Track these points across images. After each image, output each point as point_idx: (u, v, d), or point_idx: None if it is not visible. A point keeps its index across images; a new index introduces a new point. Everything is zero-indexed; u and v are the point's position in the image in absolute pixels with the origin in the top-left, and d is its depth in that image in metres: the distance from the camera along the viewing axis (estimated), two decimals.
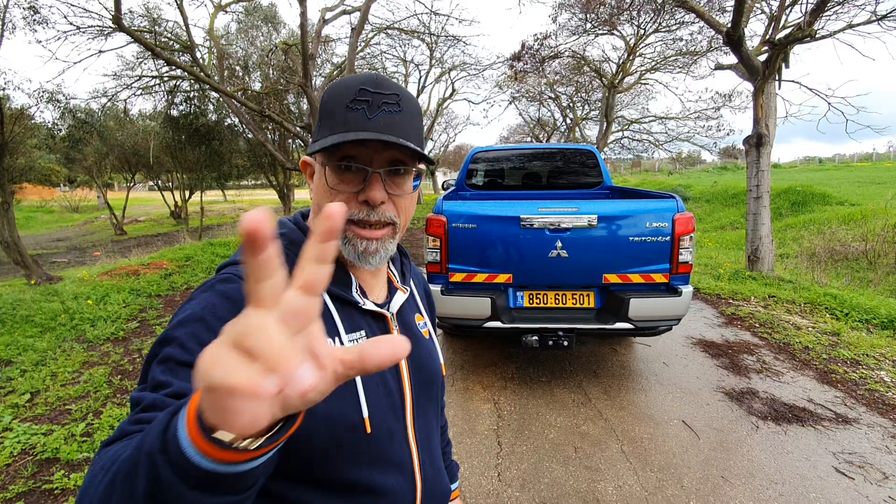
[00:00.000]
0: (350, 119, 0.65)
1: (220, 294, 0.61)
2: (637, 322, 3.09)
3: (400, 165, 0.68)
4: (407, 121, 0.68)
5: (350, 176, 0.67)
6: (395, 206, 0.70)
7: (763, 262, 6.77)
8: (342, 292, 0.71)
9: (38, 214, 25.51)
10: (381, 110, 0.66)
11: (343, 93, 0.67)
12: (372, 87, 0.66)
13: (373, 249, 0.69)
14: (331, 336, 0.67)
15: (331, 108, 0.68)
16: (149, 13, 9.80)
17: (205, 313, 0.59)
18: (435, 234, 3.20)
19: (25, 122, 8.44)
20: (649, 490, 2.35)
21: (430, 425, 0.83)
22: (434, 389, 0.84)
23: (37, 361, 3.89)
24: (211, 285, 0.64)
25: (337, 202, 0.61)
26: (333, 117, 0.67)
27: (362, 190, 0.67)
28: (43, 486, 2.42)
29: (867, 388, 3.41)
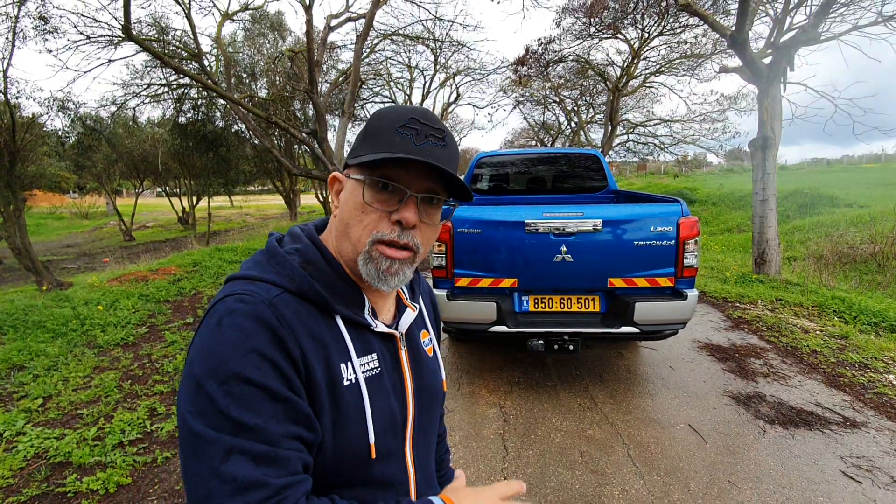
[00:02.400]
0: (397, 141, 0.66)
1: (254, 320, 0.60)
2: (642, 326, 3.10)
3: (435, 195, 0.69)
4: (448, 156, 0.69)
5: (387, 195, 0.67)
6: (421, 234, 0.70)
7: (770, 265, 6.74)
8: (356, 316, 0.71)
9: (48, 221, 25.83)
10: (428, 140, 0.67)
11: (392, 118, 0.68)
12: (422, 119, 0.68)
13: (394, 270, 0.68)
14: (343, 361, 0.68)
15: (377, 129, 0.69)
16: (157, 22, 9.94)
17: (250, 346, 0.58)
18: (440, 239, 3.23)
19: (36, 130, 8.58)
20: (656, 494, 2.35)
21: (428, 443, 0.84)
22: (435, 408, 0.85)
23: (49, 366, 3.95)
24: (239, 310, 0.61)
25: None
26: (379, 137, 0.67)
27: (396, 210, 0.67)
28: (56, 490, 2.45)
29: (876, 391, 3.39)
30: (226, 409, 0.55)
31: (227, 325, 0.59)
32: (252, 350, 0.58)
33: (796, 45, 6.37)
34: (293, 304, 0.66)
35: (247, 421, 0.55)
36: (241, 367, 0.57)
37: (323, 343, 0.66)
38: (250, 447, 0.54)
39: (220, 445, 0.54)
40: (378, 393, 0.71)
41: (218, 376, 0.56)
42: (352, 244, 0.69)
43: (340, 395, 0.66)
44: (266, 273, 0.68)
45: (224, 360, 0.57)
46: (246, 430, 0.55)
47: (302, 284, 0.68)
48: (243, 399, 0.56)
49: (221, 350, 0.57)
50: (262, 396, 0.57)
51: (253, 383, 0.56)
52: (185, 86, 11.48)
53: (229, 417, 0.55)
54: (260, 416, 0.56)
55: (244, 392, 0.56)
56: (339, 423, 0.66)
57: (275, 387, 0.58)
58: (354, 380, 0.68)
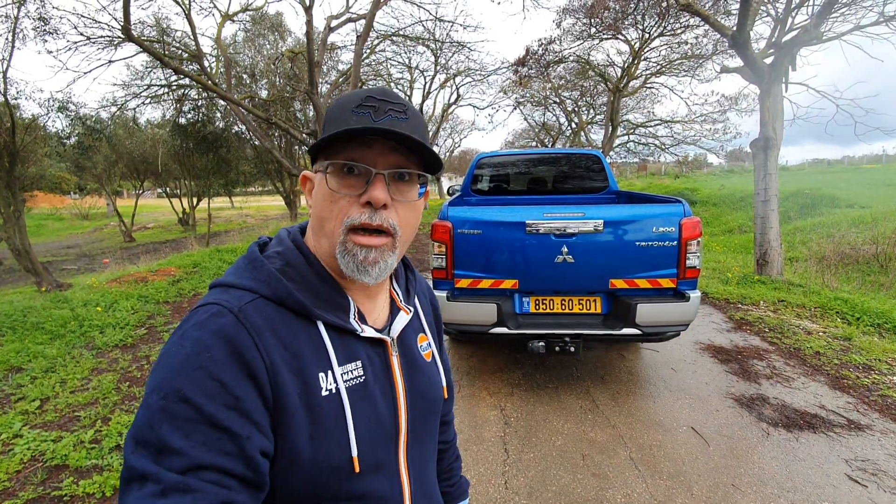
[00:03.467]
0: (354, 122, 0.63)
1: (213, 334, 0.57)
2: (644, 327, 3.07)
3: (405, 170, 0.66)
4: (413, 128, 0.66)
5: (353, 179, 0.65)
6: (397, 213, 0.67)
7: (772, 266, 6.71)
8: (339, 321, 0.67)
9: (48, 222, 25.84)
10: (388, 115, 0.64)
11: (349, 100, 0.66)
12: (378, 95, 0.65)
13: (372, 259, 0.65)
14: (322, 370, 0.64)
15: (335, 115, 0.66)
16: (158, 23, 9.94)
17: (200, 363, 0.55)
18: (440, 240, 3.20)
19: (37, 131, 8.57)
20: (658, 499, 2.32)
21: (425, 454, 0.79)
22: (432, 417, 0.80)
23: (46, 368, 3.92)
24: (203, 321, 0.59)
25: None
26: (337, 122, 0.65)
27: (365, 192, 0.64)
28: (52, 493, 2.43)
29: (880, 393, 3.36)
30: (157, 425, 0.52)
31: (187, 337, 0.57)
32: (200, 367, 0.55)
33: (798, 44, 6.35)
34: (266, 311, 0.63)
35: (172, 443, 0.51)
36: (182, 384, 0.53)
37: (296, 352, 0.62)
38: (163, 476, 0.50)
39: (135, 472, 0.51)
40: (362, 402, 0.67)
41: (161, 389, 0.54)
42: (327, 238, 0.67)
43: (317, 406, 0.62)
44: (242, 279, 0.66)
45: (171, 373, 0.54)
46: (168, 451, 0.51)
47: (278, 290, 0.64)
48: (176, 418, 0.52)
49: (173, 363, 0.55)
50: (197, 419, 0.53)
51: (191, 403, 0.53)
52: (185, 87, 11.48)
53: (157, 435, 0.52)
54: (188, 440, 0.52)
55: (178, 411, 0.52)
56: (317, 436, 0.61)
57: (213, 411, 0.54)
58: (335, 389, 0.64)
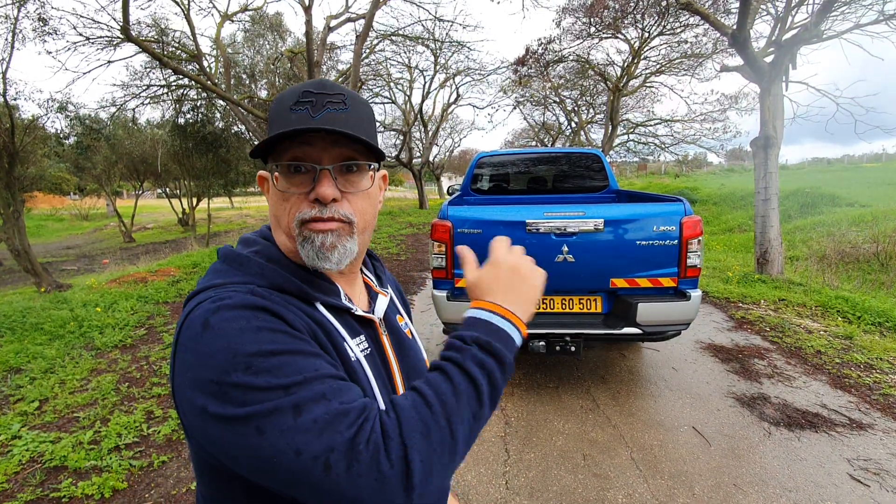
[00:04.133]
0: (293, 119, 0.63)
1: (247, 306, 0.56)
2: (645, 327, 3.06)
3: (352, 161, 0.66)
4: (355, 119, 0.66)
5: (300, 178, 0.65)
6: (350, 204, 0.67)
7: (772, 265, 6.70)
8: (334, 300, 0.69)
9: (48, 222, 25.82)
10: (326, 109, 0.64)
11: (287, 98, 0.65)
12: (316, 89, 0.65)
13: (329, 244, 0.65)
14: (340, 343, 0.66)
15: (275, 115, 0.66)
16: (156, 23, 9.93)
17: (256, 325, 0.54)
18: (440, 240, 3.19)
19: (36, 131, 8.56)
20: (660, 499, 2.31)
21: None
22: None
23: (46, 369, 3.91)
24: (224, 305, 0.56)
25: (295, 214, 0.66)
26: (277, 122, 0.65)
27: (312, 189, 0.64)
28: (51, 495, 2.42)
29: (882, 392, 3.34)
30: (266, 384, 0.50)
31: (218, 321, 0.54)
32: (260, 329, 0.54)
33: (798, 43, 6.33)
34: (273, 296, 0.62)
35: (294, 379, 0.51)
36: (258, 345, 0.52)
37: (321, 324, 0.64)
38: (314, 390, 0.51)
39: (282, 409, 0.49)
40: (375, 372, 0.70)
41: (237, 366, 0.50)
42: (284, 234, 0.68)
43: (351, 371, 0.64)
44: (231, 277, 0.64)
45: (234, 349, 0.51)
46: (297, 385, 0.51)
47: (275, 278, 0.65)
48: (278, 368, 0.51)
49: (225, 344, 0.52)
50: (296, 357, 0.53)
51: (280, 352, 0.52)
52: (184, 87, 11.47)
53: (274, 387, 0.50)
54: (302, 372, 0.52)
55: (275, 363, 0.51)
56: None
57: (303, 346, 0.55)
58: (357, 358, 0.67)
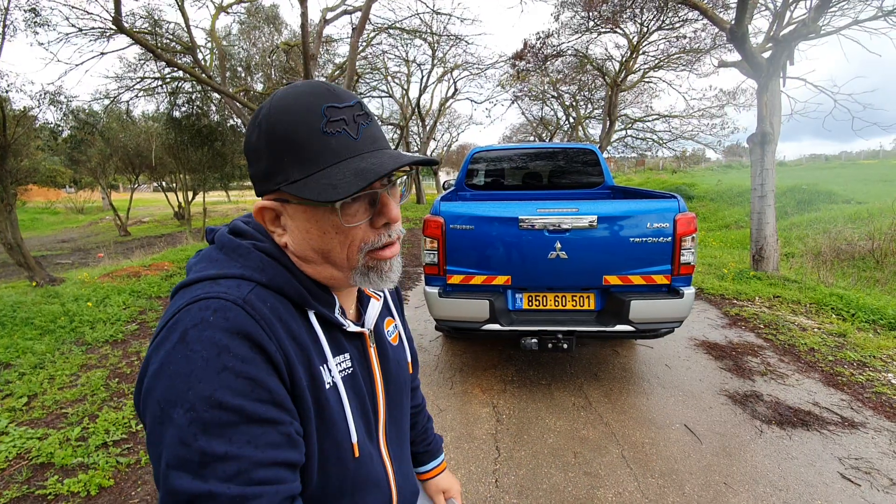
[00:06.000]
0: (333, 146, 0.57)
1: (227, 330, 0.53)
2: (638, 324, 3.04)
3: (395, 176, 0.64)
4: (378, 125, 0.63)
5: (356, 206, 0.60)
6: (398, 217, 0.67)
7: (768, 262, 6.69)
8: (330, 315, 0.67)
9: (43, 216, 25.66)
10: (360, 125, 0.59)
11: (305, 116, 0.57)
12: (338, 103, 0.58)
13: (396, 266, 0.67)
14: (321, 362, 0.63)
15: (297, 138, 0.57)
16: (150, 15, 9.80)
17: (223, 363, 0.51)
18: (432, 236, 3.16)
19: (28, 123, 8.47)
20: (650, 497, 2.30)
21: (401, 434, 0.82)
22: (403, 397, 0.83)
23: (35, 364, 3.88)
24: (207, 319, 0.53)
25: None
26: (307, 149, 0.57)
27: (379, 214, 0.62)
28: (36, 492, 2.40)
29: (874, 390, 3.34)
30: (192, 438, 0.48)
31: (194, 339, 0.51)
32: (225, 368, 0.50)
33: (796, 38, 6.29)
34: (269, 300, 0.59)
35: (216, 450, 0.48)
36: (211, 390, 0.49)
37: (302, 345, 0.60)
38: (214, 491, 0.48)
39: (180, 496, 0.48)
40: (352, 392, 0.68)
41: (184, 402, 0.49)
42: (337, 267, 0.63)
43: (325, 400, 0.61)
44: (230, 268, 0.60)
45: (191, 382, 0.49)
46: (215, 461, 0.48)
47: (275, 277, 0.61)
48: (213, 426, 0.49)
49: (189, 371, 0.50)
50: (237, 420, 0.50)
51: (226, 407, 0.50)
52: (179, 79, 11.36)
53: (195, 448, 0.48)
54: (232, 444, 0.49)
55: (214, 418, 0.49)
56: (323, 430, 0.61)
57: (252, 409, 0.51)
58: (332, 382, 0.64)
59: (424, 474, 1.04)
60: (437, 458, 1.06)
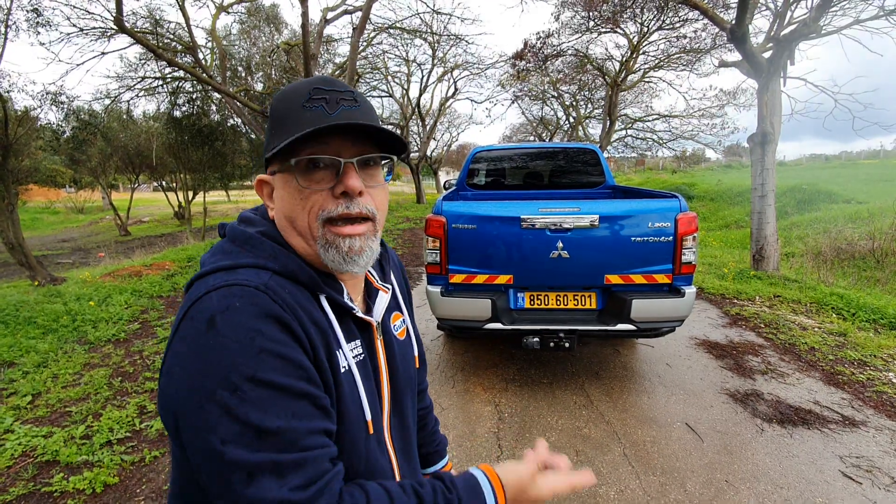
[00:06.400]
0: (308, 118, 0.61)
1: (257, 315, 0.55)
2: (639, 323, 3.06)
3: (374, 154, 0.66)
4: (366, 115, 0.65)
5: (320, 174, 0.63)
6: (372, 198, 0.67)
7: (768, 262, 6.71)
8: (342, 300, 0.68)
9: (43, 215, 25.68)
10: (341, 106, 0.63)
11: (295, 96, 0.63)
12: (326, 86, 0.63)
13: (357, 248, 0.65)
14: (338, 347, 0.65)
15: (283, 113, 0.64)
16: (151, 14, 9.81)
17: (260, 345, 0.54)
18: (434, 235, 3.17)
19: (30, 123, 8.48)
20: (652, 495, 2.32)
21: (406, 427, 0.83)
22: (409, 391, 0.83)
23: (39, 363, 3.89)
24: (233, 306, 0.55)
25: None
26: (288, 121, 0.63)
27: (339, 182, 0.63)
28: (42, 489, 2.41)
29: (875, 389, 3.36)
30: (245, 416, 0.51)
31: (225, 324, 0.54)
32: (262, 350, 0.54)
33: (797, 38, 6.30)
34: (286, 286, 0.61)
35: (268, 425, 0.52)
36: (253, 370, 0.52)
37: (322, 328, 0.63)
38: (274, 459, 0.51)
39: (242, 467, 0.51)
40: (364, 380, 0.70)
41: (229, 384, 0.52)
42: (302, 236, 0.65)
43: (339, 383, 0.64)
44: (244, 258, 0.62)
45: (232, 365, 0.52)
46: (269, 434, 0.52)
47: (288, 264, 0.63)
48: (261, 402, 0.52)
49: (226, 355, 0.52)
50: (282, 396, 0.54)
51: (269, 385, 0.53)
52: (179, 79, 11.37)
53: (249, 424, 0.51)
54: (281, 418, 0.53)
55: (261, 395, 0.52)
56: (339, 410, 0.64)
57: (293, 384, 0.55)
58: (348, 367, 0.66)
59: (431, 475, 1.04)
60: (444, 458, 1.08)
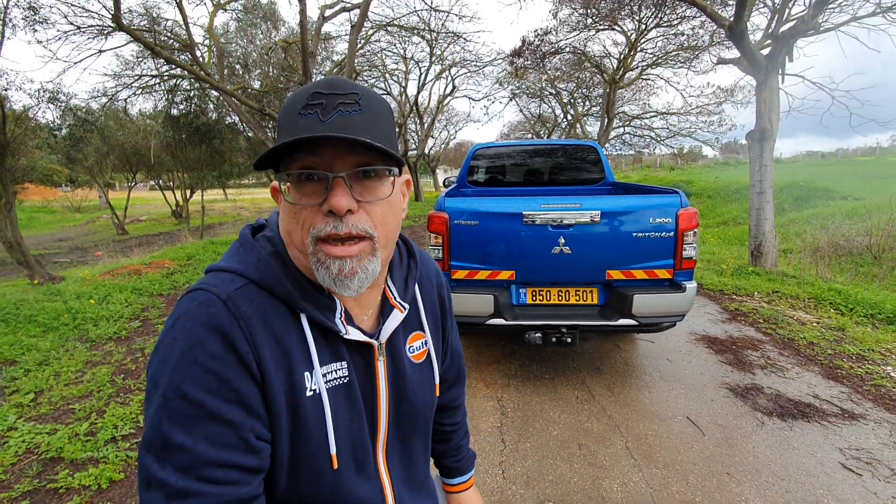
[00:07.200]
0: (301, 126, 0.57)
1: (204, 325, 0.55)
2: (641, 318, 3.08)
3: (368, 167, 0.60)
4: (370, 119, 0.59)
5: (311, 187, 0.59)
6: (368, 215, 0.61)
7: (766, 258, 6.74)
8: (324, 319, 0.63)
9: (40, 214, 25.57)
10: (338, 111, 0.57)
11: (295, 101, 0.59)
12: (326, 90, 0.59)
13: (348, 270, 0.59)
14: (307, 369, 0.61)
15: (283, 121, 0.61)
16: (148, 12, 9.77)
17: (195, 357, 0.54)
18: (437, 231, 3.19)
19: (27, 122, 8.45)
20: (654, 487, 2.34)
21: (410, 455, 0.77)
22: (420, 420, 0.77)
23: (40, 361, 3.89)
24: (192, 311, 0.57)
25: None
26: (286, 128, 0.59)
27: (325, 200, 0.58)
28: (48, 486, 2.42)
29: (873, 383, 3.39)
30: (158, 423, 0.53)
31: (179, 329, 0.56)
32: (195, 362, 0.53)
33: (795, 35, 6.33)
34: (258, 298, 0.60)
35: (174, 439, 0.52)
36: (180, 381, 0.53)
37: (286, 349, 0.60)
38: (167, 480, 0.51)
39: (145, 471, 0.53)
40: (344, 403, 0.65)
41: (160, 386, 0.54)
42: (298, 249, 0.63)
43: (301, 407, 0.60)
44: (232, 262, 0.63)
45: (170, 370, 0.54)
46: (173, 449, 0.52)
47: (267, 276, 0.61)
48: (177, 415, 0.52)
49: (168, 357, 0.55)
50: (199, 415, 0.53)
51: (189, 400, 0.53)
52: (176, 77, 11.33)
53: (161, 433, 0.52)
54: (191, 437, 0.52)
55: (179, 408, 0.52)
56: (296, 434, 0.61)
57: (216, 406, 0.54)
58: (317, 390, 0.62)
59: (449, 487, 1.01)
60: (466, 474, 1.02)
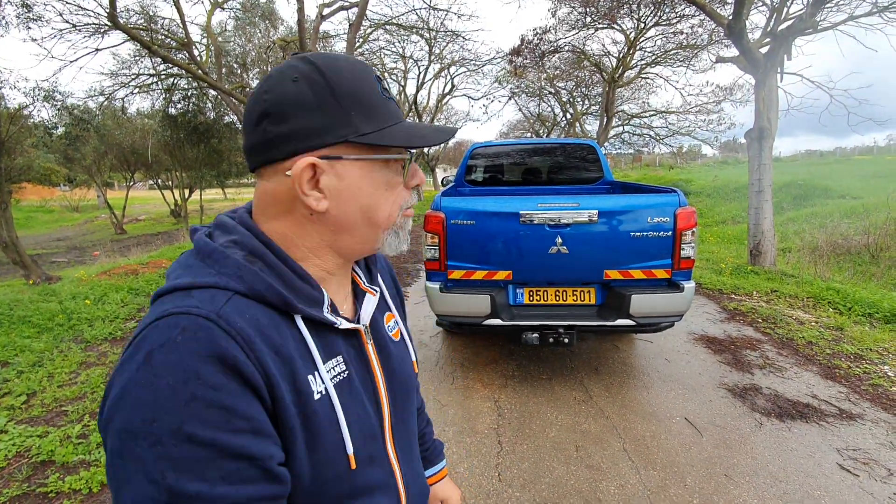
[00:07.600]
0: (394, 110, 0.63)
1: (196, 353, 0.47)
2: (639, 318, 3.05)
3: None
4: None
5: (397, 166, 0.66)
6: None
7: (765, 257, 6.73)
8: (317, 314, 0.61)
9: (38, 214, 25.51)
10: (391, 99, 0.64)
11: (367, 78, 0.62)
12: (377, 76, 0.64)
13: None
14: (310, 371, 0.58)
15: (362, 95, 0.60)
16: (144, 10, 9.73)
17: (192, 392, 0.46)
18: (433, 231, 3.16)
19: (22, 121, 8.41)
20: (652, 489, 2.32)
21: (409, 436, 0.79)
22: (409, 395, 0.79)
23: (34, 362, 3.86)
24: (174, 340, 0.47)
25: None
26: (376, 106, 0.61)
27: (412, 175, 0.67)
28: (38, 490, 2.39)
29: (871, 383, 3.37)
30: (160, 477, 0.43)
31: (160, 363, 0.46)
32: (194, 398, 0.45)
33: (793, 33, 6.31)
34: (248, 310, 0.54)
35: (186, 490, 0.43)
36: (178, 421, 0.44)
37: (287, 357, 0.56)
38: None
39: None
40: (350, 398, 0.63)
41: (149, 435, 0.44)
42: (374, 228, 0.65)
43: (313, 413, 0.57)
44: (203, 277, 0.54)
45: (157, 413, 0.44)
46: (187, 499, 0.44)
47: (255, 283, 0.55)
48: (182, 461, 0.44)
49: (153, 399, 0.44)
50: (210, 455, 0.45)
51: (197, 441, 0.44)
52: (174, 76, 11.29)
53: (165, 488, 0.43)
54: (205, 481, 0.45)
55: (186, 454, 0.44)
56: (312, 444, 0.57)
57: (228, 440, 0.46)
58: (325, 391, 0.59)
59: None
60: (437, 464, 1.01)
